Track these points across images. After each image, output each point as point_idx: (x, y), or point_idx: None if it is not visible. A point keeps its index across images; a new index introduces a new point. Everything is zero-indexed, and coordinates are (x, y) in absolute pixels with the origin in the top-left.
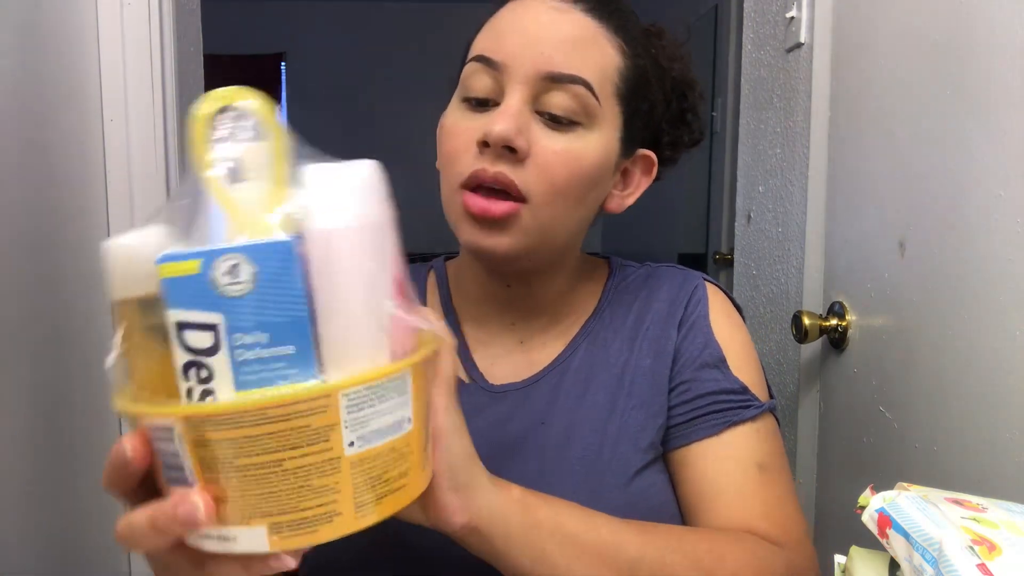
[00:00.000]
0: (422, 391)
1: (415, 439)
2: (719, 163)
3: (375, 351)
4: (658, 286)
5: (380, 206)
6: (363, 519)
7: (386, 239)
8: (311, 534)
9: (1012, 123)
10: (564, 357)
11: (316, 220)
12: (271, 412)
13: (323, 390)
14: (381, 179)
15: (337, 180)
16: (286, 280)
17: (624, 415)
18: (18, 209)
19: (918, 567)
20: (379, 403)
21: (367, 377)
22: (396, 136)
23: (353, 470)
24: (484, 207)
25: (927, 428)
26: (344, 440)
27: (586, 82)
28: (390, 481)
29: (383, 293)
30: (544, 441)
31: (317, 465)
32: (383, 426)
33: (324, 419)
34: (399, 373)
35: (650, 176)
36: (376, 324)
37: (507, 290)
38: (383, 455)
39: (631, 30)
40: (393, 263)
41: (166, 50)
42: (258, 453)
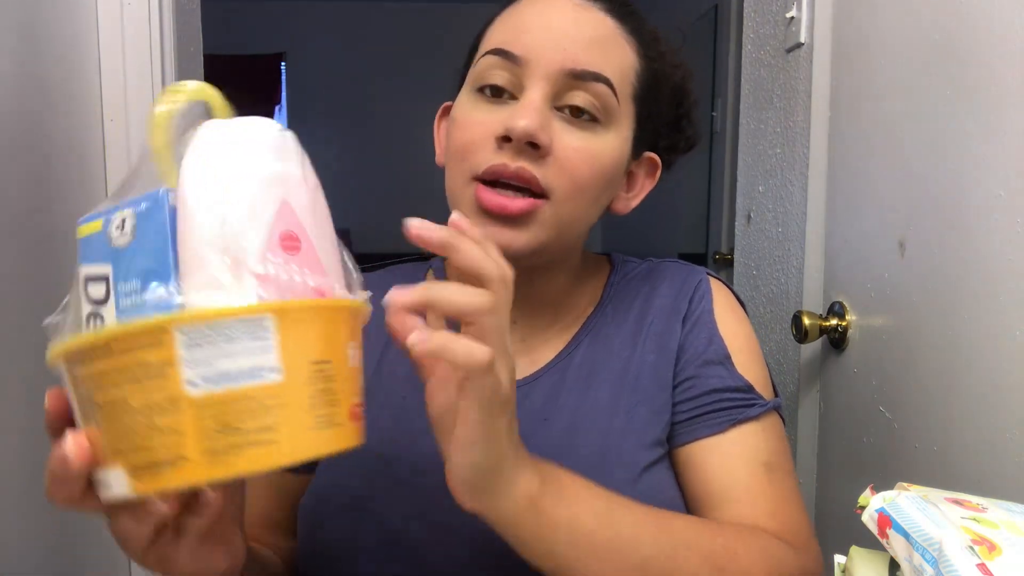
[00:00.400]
0: (304, 342)
1: (289, 393)
2: (719, 163)
3: (225, 293)
4: (661, 281)
5: (260, 161)
6: (215, 468)
7: (260, 191)
8: (162, 478)
9: (1012, 123)
10: (566, 354)
11: (184, 168)
12: (114, 345)
13: (156, 323)
14: (274, 137)
15: (218, 133)
16: (154, 228)
17: (628, 412)
18: (18, 209)
19: (918, 567)
20: (225, 344)
21: (205, 314)
22: (396, 136)
23: (198, 412)
24: (502, 204)
25: (927, 428)
26: (183, 377)
27: (608, 81)
28: (248, 432)
29: (238, 238)
30: (547, 439)
31: (159, 403)
32: (233, 369)
33: (160, 353)
34: (248, 316)
35: (654, 179)
36: (223, 266)
37: None
38: (236, 400)
39: (644, 33)
40: (277, 215)
41: (166, 50)
42: (109, 387)
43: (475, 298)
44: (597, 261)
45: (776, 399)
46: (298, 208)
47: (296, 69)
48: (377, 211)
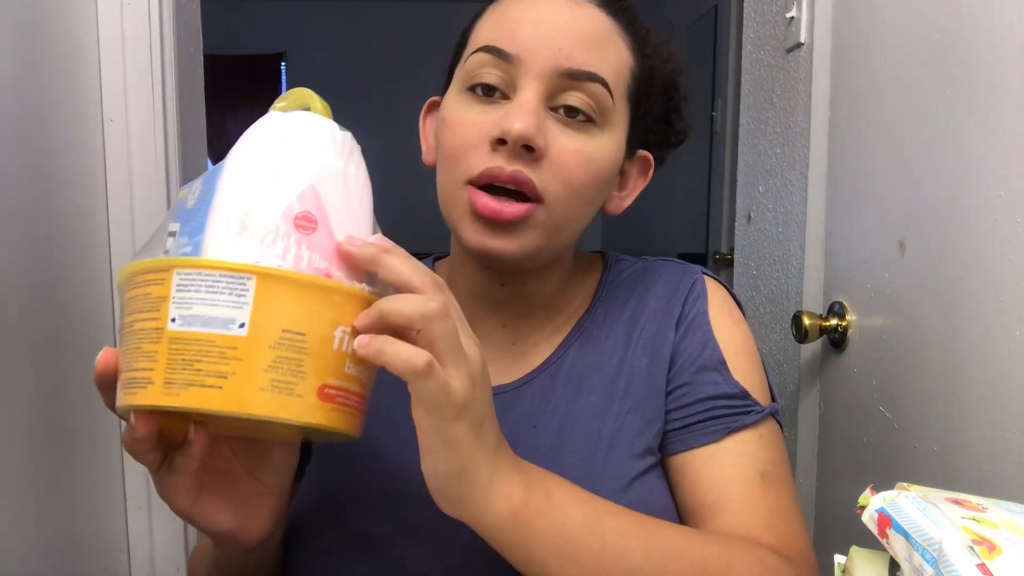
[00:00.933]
0: (280, 310)
1: (249, 349)
2: (719, 163)
3: (232, 253)
4: (655, 281)
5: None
6: (167, 397)
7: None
8: (134, 396)
9: (1012, 123)
10: (556, 357)
11: (235, 146)
12: (136, 279)
13: (162, 263)
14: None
15: (275, 122)
16: (206, 193)
17: (619, 418)
18: (18, 209)
19: (918, 567)
20: (207, 292)
21: (198, 263)
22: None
23: (171, 345)
24: (496, 209)
25: (927, 428)
26: (169, 313)
27: (604, 80)
28: (201, 373)
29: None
30: (535, 445)
31: (148, 331)
32: (205, 315)
33: (160, 290)
34: (233, 272)
35: (646, 177)
36: (232, 228)
37: (501, 289)
38: (200, 342)
39: (639, 29)
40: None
41: (166, 50)
42: (128, 313)
43: (413, 305)
44: (590, 260)
45: (773, 404)
46: (326, 195)
47: (296, 69)
48: (377, 211)
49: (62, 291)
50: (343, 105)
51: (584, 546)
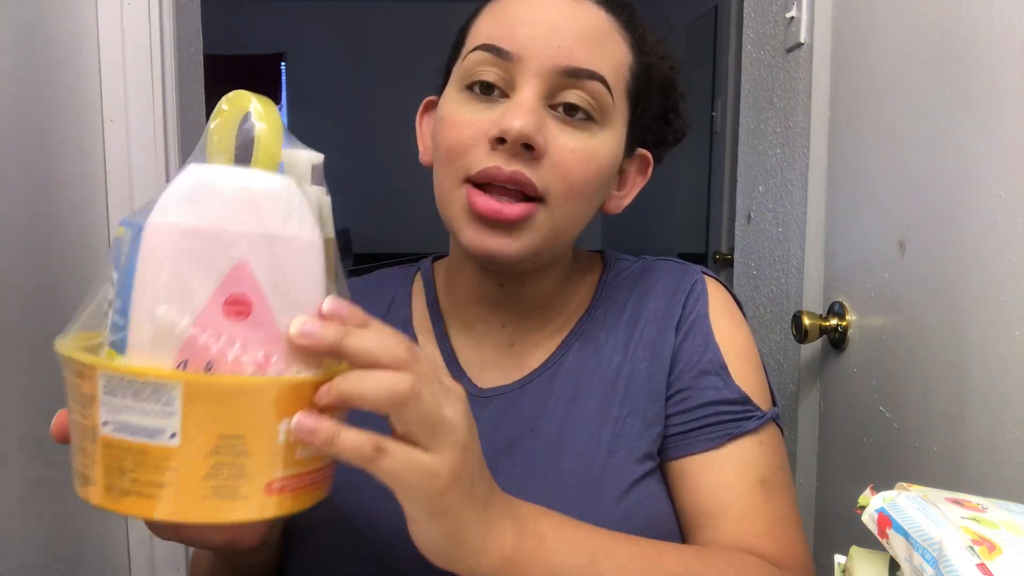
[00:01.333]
0: (214, 417)
1: (184, 460)
2: (719, 163)
3: (157, 353)
4: (654, 282)
5: (232, 217)
6: (109, 501)
7: (216, 249)
8: (81, 489)
9: (1012, 123)
10: (555, 359)
11: (153, 211)
12: (71, 365)
13: (86, 360)
14: (265, 194)
15: (198, 179)
16: (130, 260)
17: (618, 422)
18: (18, 209)
19: (918, 567)
20: (133, 399)
21: (120, 368)
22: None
23: (105, 450)
24: (496, 209)
25: (927, 428)
26: (100, 416)
27: (604, 79)
28: (139, 482)
29: (172, 297)
30: (533, 449)
31: (86, 429)
32: (134, 423)
33: (89, 388)
34: (155, 380)
35: (645, 176)
36: (149, 324)
37: (499, 290)
38: (133, 452)
39: (638, 27)
40: (227, 278)
41: (166, 50)
42: (68, 394)
43: (379, 387)
44: (590, 259)
45: (774, 409)
46: (261, 269)
47: (296, 69)
48: (377, 211)
49: (62, 291)
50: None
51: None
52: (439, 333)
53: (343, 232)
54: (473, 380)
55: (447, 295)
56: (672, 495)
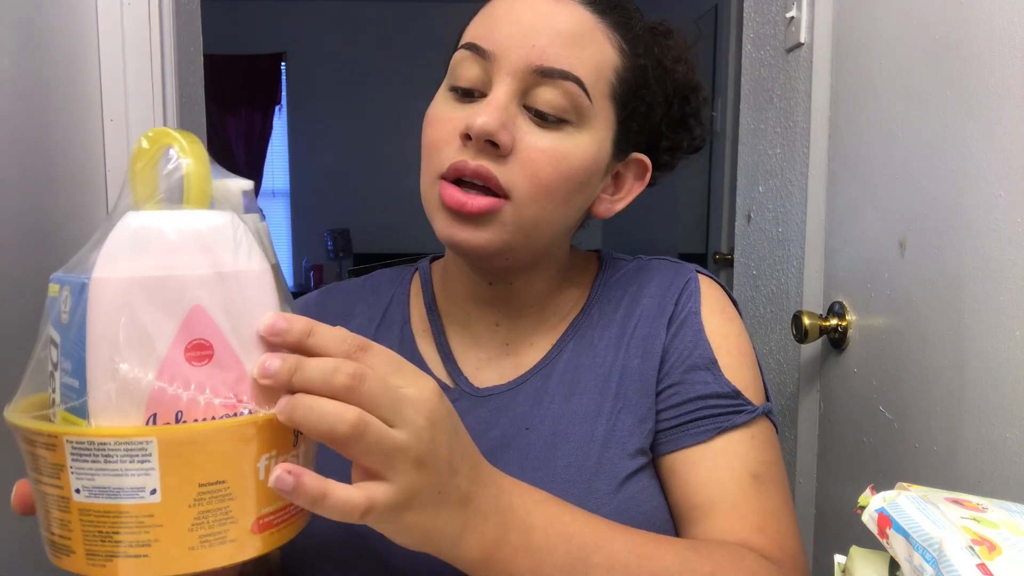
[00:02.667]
0: (191, 465)
1: (168, 514)
2: (719, 163)
3: (124, 411)
4: (648, 280)
5: (183, 261)
6: (94, 568)
7: (171, 296)
8: (58, 560)
9: (1012, 123)
10: (550, 359)
11: (96, 265)
12: (27, 435)
13: (48, 429)
14: (212, 232)
15: (142, 227)
16: (78, 321)
17: (611, 419)
18: (18, 209)
19: (918, 567)
20: (105, 462)
21: (88, 432)
22: (396, 136)
23: (82, 516)
24: (460, 201)
25: (927, 428)
26: (72, 484)
27: (578, 79)
28: (123, 544)
29: (132, 354)
30: (528, 447)
31: (55, 498)
32: (111, 486)
33: (55, 457)
34: (128, 439)
35: (643, 182)
36: (111, 385)
37: (489, 288)
38: (112, 514)
39: (633, 27)
40: (185, 324)
41: (166, 50)
42: (30, 468)
43: (324, 428)
44: (586, 259)
45: (766, 404)
46: (217, 310)
47: (296, 69)
48: (377, 211)
49: None
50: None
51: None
52: (436, 332)
53: (343, 231)
54: (470, 379)
55: (443, 295)
56: (665, 490)
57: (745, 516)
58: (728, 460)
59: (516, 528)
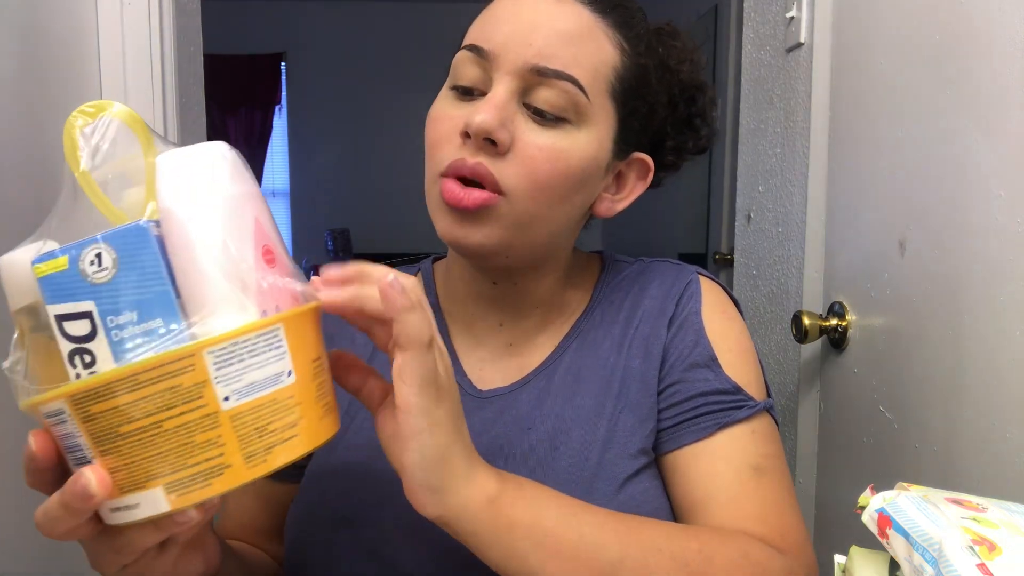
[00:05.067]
0: (305, 344)
1: (302, 391)
2: (719, 163)
3: (238, 312)
4: (650, 282)
5: (229, 183)
6: (255, 469)
7: (239, 211)
8: (206, 488)
9: (1012, 123)
10: (553, 360)
11: (165, 201)
12: (141, 377)
13: (185, 351)
14: (231, 158)
15: (183, 163)
16: (144, 260)
17: (613, 419)
18: (18, 209)
19: (918, 567)
20: (249, 358)
21: (229, 335)
22: (396, 136)
23: (235, 423)
24: (458, 197)
25: (927, 428)
26: (218, 395)
27: (574, 79)
28: (277, 431)
29: (240, 260)
30: (529, 448)
31: (197, 421)
32: (259, 379)
33: (193, 377)
34: (266, 329)
35: (645, 181)
36: (235, 288)
37: (493, 288)
38: (265, 407)
39: (635, 27)
40: (256, 232)
41: (166, 50)
42: (138, 418)
43: (425, 334)
44: (588, 260)
45: (767, 400)
46: (264, 223)
47: (296, 69)
48: (377, 211)
49: None
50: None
51: (563, 538)
52: (441, 332)
53: (343, 231)
54: (473, 382)
55: (447, 295)
56: (668, 488)
57: (744, 507)
58: (729, 454)
59: (510, 481)
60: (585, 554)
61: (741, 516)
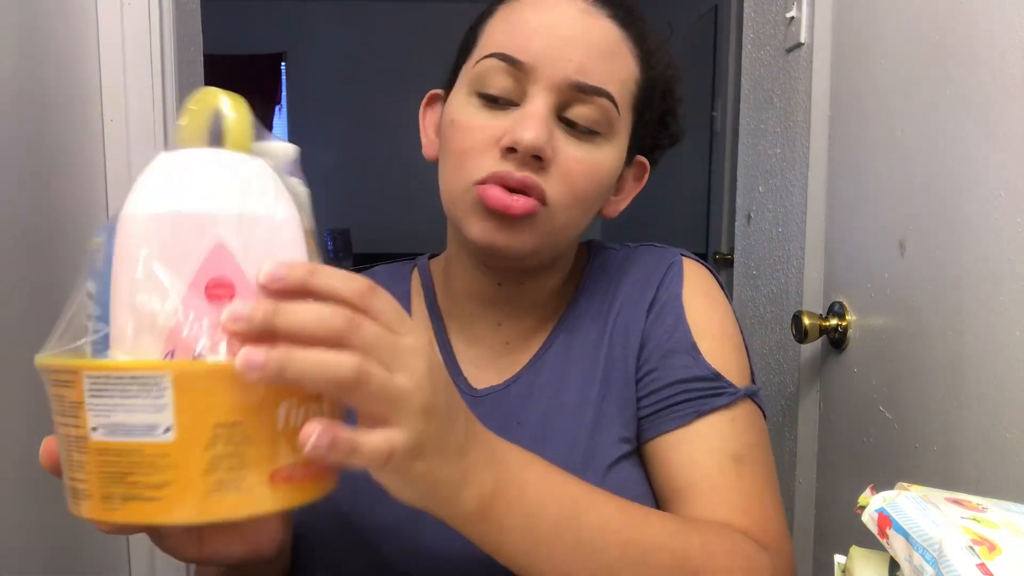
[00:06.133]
0: (205, 405)
1: (182, 453)
2: (719, 163)
3: (133, 342)
4: (631, 267)
5: (197, 198)
6: (108, 512)
7: (191, 233)
8: (77, 506)
9: (1012, 123)
10: (541, 353)
11: (124, 205)
12: (48, 376)
13: (66, 365)
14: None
15: (164, 165)
16: (105, 262)
17: (597, 407)
18: (18, 209)
19: (918, 567)
20: (121, 398)
21: (103, 366)
22: (396, 136)
23: (98, 456)
24: (506, 203)
25: (927, 428)
26: (89, 422)
27: (611, 95)
28: (139, 486)
29: (157, 288)
30: (519, 441)
31: (74, 439)
32: (127, 423)
33: (73, 394)
34: (142, 373)
35: (641, 182)
36: (142, 318)
37: (497, 288)
38: (131, 454)
39: (649, 41)
40: (206, 261)
41: (166, 50)
42: (54, 411)
43: (325, 378)
44: (577, 251)
45: (751, 386)
46: (239, 249)
47: (296, 69)
48: (377, 211)
49: (62, 291)
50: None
51: (557, 542)
52: (438, 331)
53: (343, 231)
54: (469, 380)
55: (445, 293)
56: (649, 477)
57: (727, 498)
58: (708, 443)
59: (511, 483)
60: (581, 557)
61: (724, 508)
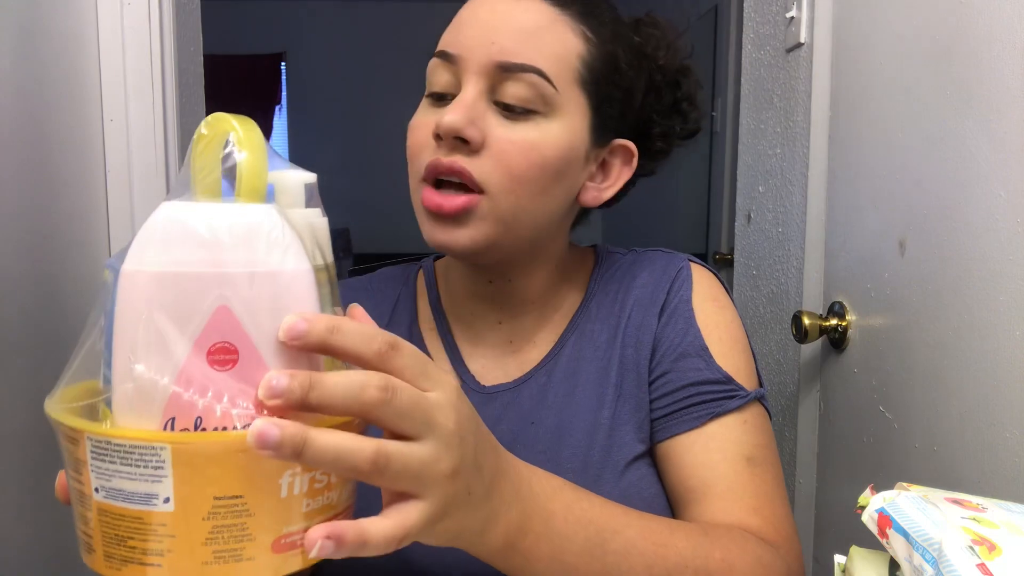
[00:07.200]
0: (205, 478)
1: (181, 525)
2: (719, 163)
3: (133, 408)
4: (641, 271)
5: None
6: (110, 570)
7: (195, 294)
8: (85, 555)
9: (1012, 123)
10: (553, 355)
11: (127, 258)
12: (58, 428)
13: (72, 424)
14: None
15: (165, 220)
16: (108, 310)
17: (611, 409)
18: (18, 209)
19: (918, 567)
20: (121, 464)
21: (106, 432)
22: (396, 136)
23: (100, 516)
24: (438, 203)
25: (927, 428)
26: (91, 482)
27: (539, 70)
28: (137, 551)
29: (165, 357)
30: (534, 442)
31: (82, 495)
32: (127, 490)
33: (78, 451)
34: (140, 443)
35: (631, 167)
36: (142, 385)
37: (489, 286)
38: (127, 519)
39: (599, 15)
40: (209, 325)
41: (166, 50)
42: (65, 460)
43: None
44: (583, 254)
45: (759, 389)
46: (244, 312)
47: (296, 69)
48: (377, 211)
49: (62, 291)
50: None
51: (584, 569)
52: (443, 331)
53: (343, 231)
54: (477, 377)
55: (447, 294)
56: (661, 477)
57: (741, 499)
58: (722, 444)
59: (537, 515)
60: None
61: (739, 508)
